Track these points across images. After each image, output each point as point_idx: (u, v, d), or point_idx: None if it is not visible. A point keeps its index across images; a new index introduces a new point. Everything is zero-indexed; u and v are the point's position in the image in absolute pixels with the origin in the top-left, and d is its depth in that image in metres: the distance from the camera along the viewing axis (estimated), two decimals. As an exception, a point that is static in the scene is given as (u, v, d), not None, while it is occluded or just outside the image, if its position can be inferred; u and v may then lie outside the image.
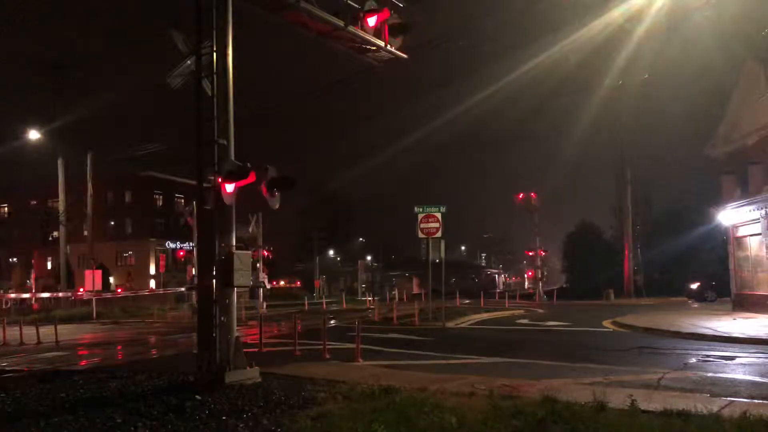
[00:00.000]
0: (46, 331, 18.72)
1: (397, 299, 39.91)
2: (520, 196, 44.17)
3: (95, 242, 39.61)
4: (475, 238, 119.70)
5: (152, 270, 57.60)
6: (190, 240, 36.06)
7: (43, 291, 35.65)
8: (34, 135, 36.49)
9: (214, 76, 9.36)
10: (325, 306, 37.63)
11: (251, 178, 9.06)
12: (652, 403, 6.85)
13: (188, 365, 9.87)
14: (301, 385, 8.79)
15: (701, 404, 6.63)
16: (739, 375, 10.03)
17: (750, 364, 11.05)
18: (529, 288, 68.10)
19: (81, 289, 34.77)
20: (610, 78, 36.47)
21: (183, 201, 55.79)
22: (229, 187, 9.09)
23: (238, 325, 9.68)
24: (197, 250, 10.43)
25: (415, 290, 67.44)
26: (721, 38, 23.30)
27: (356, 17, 10.44)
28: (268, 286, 43.33)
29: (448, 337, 17.92)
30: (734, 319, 19.25)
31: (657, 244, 42.13)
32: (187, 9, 9.79)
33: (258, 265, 36.69)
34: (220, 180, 9.07)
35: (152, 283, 52.92)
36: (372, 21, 10.50)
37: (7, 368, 12.71)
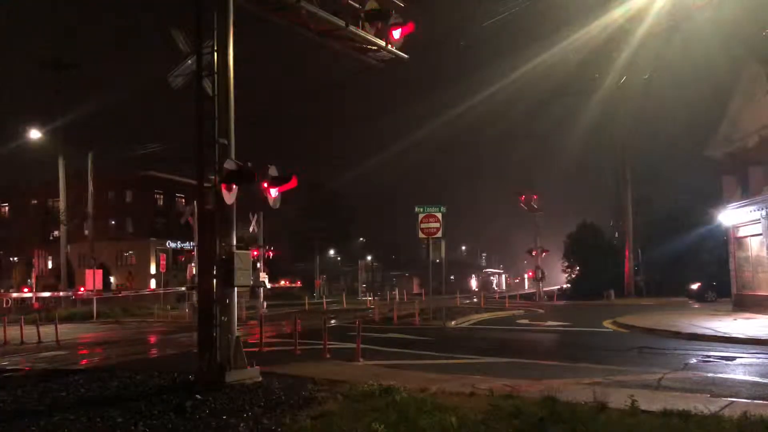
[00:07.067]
0: (47, 331, 18.73)
1: (397, 299, 39.97)
2: (522, 196, 44.16)
3: (96, 242, 39.60)
4: (476, 238, 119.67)
5: (153, 269, 57.58)
6: (190, 239, 36.06)
7: (43, 290, 35.59)
8: (35, 134, 36.50)
9: (215, 76, 9.36)
10: (325, 306, 37.60)
11: (252, 177, 9.06)
12: (653, 403, 6.84)
13: (189, 365, 9.89)
14: (302, 385, 8.80)
15: (702, 404, 6.63)
16: (740, 375, 10.03)
17: (750, 365, 11.05)
18: (529, 288, 68.13)
19: (81, 289, 34.76)
20: (611, 78, 36.46)
21: (184, 200, 55.74)
22: (230, 187, 9.09)
23: (238, 325, 9.68)
24: (198, 250, 10.42)
25: (416, 290, 67.52)
26: (721, 39, 23.30)
27: (357, 17, 10.45)
28: (269, 286, 43.27)
29: (449, 337, 17.93)
30: (734, 319, 19.24)
31: (657, 244, 42.01)
32: (187, 8, 9.80)
33: (258, 264, 36.66)
34: (220, 180, 9.07)
35: (153, 283, 52.89)
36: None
37: (8, 367, 12.73)
